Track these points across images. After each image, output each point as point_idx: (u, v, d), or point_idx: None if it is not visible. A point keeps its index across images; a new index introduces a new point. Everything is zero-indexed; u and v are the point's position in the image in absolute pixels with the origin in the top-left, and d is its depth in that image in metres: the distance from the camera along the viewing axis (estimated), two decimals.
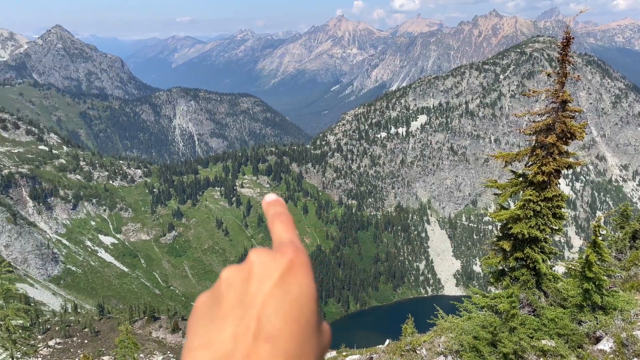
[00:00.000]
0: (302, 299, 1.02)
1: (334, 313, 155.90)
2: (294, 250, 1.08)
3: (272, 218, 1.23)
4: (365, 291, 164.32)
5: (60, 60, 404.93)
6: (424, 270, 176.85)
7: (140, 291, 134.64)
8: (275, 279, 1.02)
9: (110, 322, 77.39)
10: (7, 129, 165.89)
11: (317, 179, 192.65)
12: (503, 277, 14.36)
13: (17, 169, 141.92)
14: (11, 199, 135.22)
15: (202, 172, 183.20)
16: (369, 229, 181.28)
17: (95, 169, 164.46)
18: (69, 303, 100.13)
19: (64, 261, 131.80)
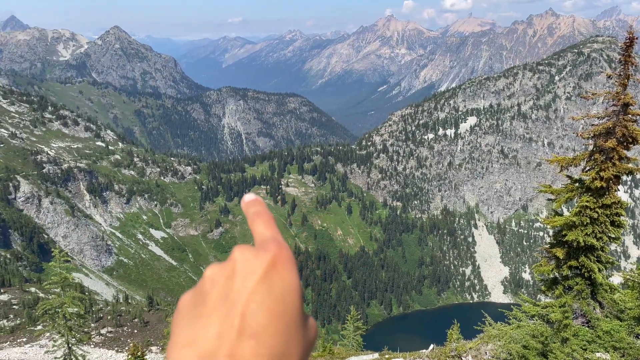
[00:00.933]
0: (286, 294, 1.02)
1: (376, 315, 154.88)
2: (277, 247, 1.08)
3: (253, 217, 1.22)
4: (409, 294, 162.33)
5: (117, 60, 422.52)
6: (470, 276, 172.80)
7: (188, 285, 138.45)
8: (259, 276, 1.02)
9: (159, 314, 79.93)
10: (67, 125, 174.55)
11: (362, 179, 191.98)
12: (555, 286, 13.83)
13: (75, 164, 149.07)
14: (70, 192, 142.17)
15: (249, 170, 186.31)
16: (414, 232, 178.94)
17: (148, 165, 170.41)
18: (120, 294, 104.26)
19: (117, 253, 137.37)
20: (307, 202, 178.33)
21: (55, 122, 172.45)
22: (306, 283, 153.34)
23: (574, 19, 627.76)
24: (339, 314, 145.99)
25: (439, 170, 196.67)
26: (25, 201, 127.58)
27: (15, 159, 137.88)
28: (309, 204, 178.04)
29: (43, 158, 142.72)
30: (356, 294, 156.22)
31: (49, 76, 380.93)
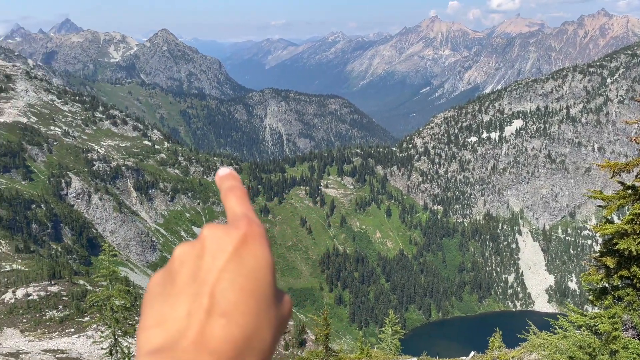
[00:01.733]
0: (258, 271, 1.01)
1: (414, 320, 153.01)
2: (247, 223, 1.06)
3: (226, 192, 1.20)
4: (448, 300, 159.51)
5: (165, 62, 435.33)
6: (513, 283, 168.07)
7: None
8: (229, 253, 1.01)
9: None
10: (116, 124, 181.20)
11: (402, 182, 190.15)
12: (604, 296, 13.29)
13: (124, 162, 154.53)
14: (117, 189, 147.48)
15: (289, 171, 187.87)
16: (455, 237, 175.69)
17: (191, 164, 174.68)
18: None
19: (161, 249, 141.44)
20: (346, 204, 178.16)
21: (105, 122, 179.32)
22: (344, 285, 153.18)
23: (627, 19, 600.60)
24: (376, 317, 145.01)
25: (482, 174, 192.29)
26: (76, 197, 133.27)
27: (68, 156, 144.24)
28: (348, 205, 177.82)
29: (93, 156, 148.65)
30: (394, 297, 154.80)
31: (100, 77, 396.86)
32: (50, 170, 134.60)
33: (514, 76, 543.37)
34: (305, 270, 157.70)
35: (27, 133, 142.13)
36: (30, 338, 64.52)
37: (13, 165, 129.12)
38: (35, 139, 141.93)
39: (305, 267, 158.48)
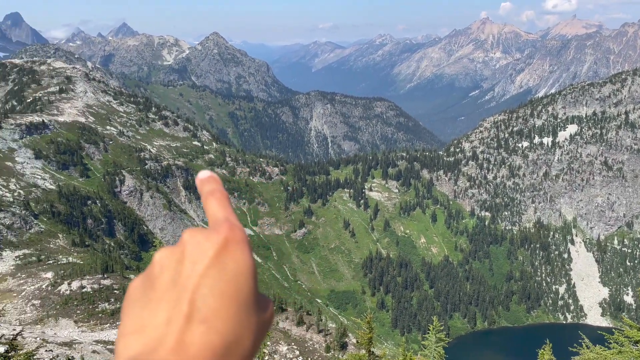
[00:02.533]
0: (239, 276, 1.00)
1: (458, 328, 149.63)
2: (229, 228, 1.05)
3: (206, 196, 1.18)
4: (495, 310, 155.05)
5: (215, 65, 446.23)
6: (564, 295, 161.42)
7: (271, 282, 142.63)
8: (210, 258, 1.00)
9: None
10: (168, 125, 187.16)
11: (448, 187, 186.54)
12: None
13: (174, 161, 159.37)
14: (168, 187, 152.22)
15: (333, 173, 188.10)
16: (503, 244, 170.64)
17: (238, 165, 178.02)
18: None
19: None
20: (390, 208, 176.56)
21: (157, 122, 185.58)
22: (386, 289, 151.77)
23: None
24: (419, 323, 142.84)
25: (534, 180, 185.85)
26: (128, 194, 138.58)
27: (122, 155, 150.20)
28: (392, 209, 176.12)
29: (146, 155, 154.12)
30: (438, 304, 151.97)
31: (153, 79, 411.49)
32: (105, 168, 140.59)
33: (569, 79, 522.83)
34: (347, 273, 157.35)
35: (85, 132, 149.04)
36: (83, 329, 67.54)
37: (71, 162, 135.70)
38: (92, 138, 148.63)
39: (347, 270, 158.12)
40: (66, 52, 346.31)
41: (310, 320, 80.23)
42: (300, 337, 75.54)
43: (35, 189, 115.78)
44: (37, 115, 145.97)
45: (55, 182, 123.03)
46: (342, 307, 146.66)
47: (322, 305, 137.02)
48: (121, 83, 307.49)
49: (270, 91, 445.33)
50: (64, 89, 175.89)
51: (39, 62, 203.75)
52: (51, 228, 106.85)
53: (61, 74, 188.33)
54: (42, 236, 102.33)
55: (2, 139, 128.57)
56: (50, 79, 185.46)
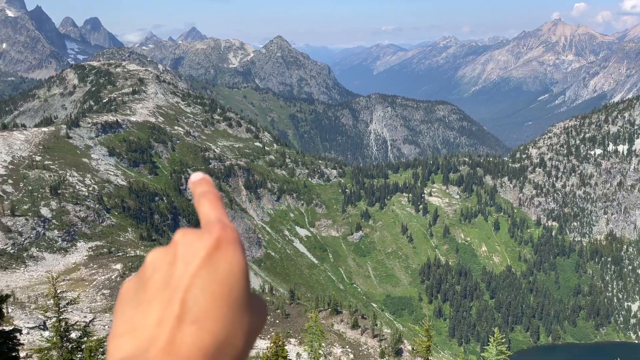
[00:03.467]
0: (232, 276, 0.99)
1: (520, 342, 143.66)
2: (221, 228, 1.05)
3: (199, 197, 1.18)
4: (560, 324, 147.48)
5: (278, 68, 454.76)
6: (638, 312, 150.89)
7: (327, 284, 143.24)
8: (202, 259, 1.00)
9: (299, 308, 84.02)
10: (232, 126, 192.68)
11: (513, 194, 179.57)
12: None
13: (236, 162, 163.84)
14: (230, 186, 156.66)
15: (392, 177, 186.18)
16: (571, 256, 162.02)
17: (297, 166, 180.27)
18: (266, 284, 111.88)
19: (266, 246, 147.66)
20: (450, 214, 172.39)
21: (222, 123, 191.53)
22: (444, 297, 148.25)
23: None
24: (478, 334, 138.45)
25: (606, 190, 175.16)
26: None
27: (188, 154, 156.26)
28: (453, 215, 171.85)
29: (210, 155, 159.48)
30: (499, 316, 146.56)
31: (219, 81, 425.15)
32: (172, 167, 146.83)
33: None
34: (404, 279, 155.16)
35: (154, 132, 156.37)
36: None
37: (142, 160, 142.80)
38: (161, 137, 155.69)
39: (404, 276, 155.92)
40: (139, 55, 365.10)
41: (365, 324, 79.82)
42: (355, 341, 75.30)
43: (108, 184, 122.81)
44: (111, 115, 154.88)
45: (126, 179, 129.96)
46: (398, 313, 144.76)
47: (377, 310, 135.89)
48: (189, 85, 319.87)
49: (330, 94, 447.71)
50: (136, 90, 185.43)
51: (115, 65, 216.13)
52: (121, 222, 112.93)
53: (134, 76, 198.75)
54: (113, 229, 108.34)
55: (80, 136, 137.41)
56: (125, 80, 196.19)
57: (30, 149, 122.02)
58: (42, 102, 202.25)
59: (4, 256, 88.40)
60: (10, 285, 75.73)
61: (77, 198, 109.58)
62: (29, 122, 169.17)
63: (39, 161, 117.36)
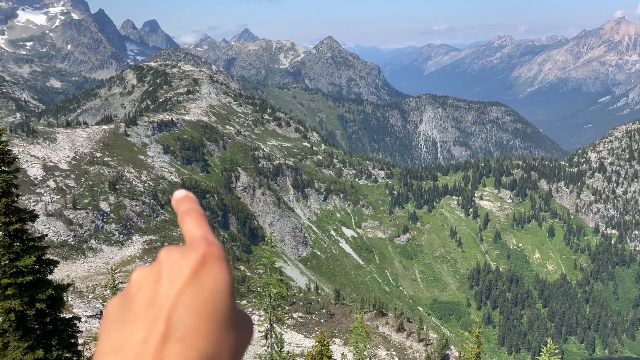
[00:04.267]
0: (217, 293, 0.99)
1: (574, 354, 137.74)
2: (206, 245, 1.04)
3: (182, 215, 1.16)
4: (618, 337, 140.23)
5: (327, 68, 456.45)
6: None
7: (372, 285, 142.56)
8: (186, 276, 0.99)
9: (344, 308, 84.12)
10: (281, 126, 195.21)
11: (569, 200, 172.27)
12: None
13: (284, 161, 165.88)
14: (278, 185, 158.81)
15: (441, 179, 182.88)
16: (632, 266, 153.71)
17: (345, 167, 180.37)
18: (312, 283, 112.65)
19: (312, 245, 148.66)
20: (502, 219, 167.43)
21: (271, 123, 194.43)
22: (494, 304, 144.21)
23: None
24: (529, 343, 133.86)
25: None
26: (242, 190, 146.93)
27: (238, 153, 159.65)
28: (504, 220, 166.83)
29: (259, 154, 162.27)
30: (552, 325, 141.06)
31: (270, 82, 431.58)
32: (223, 165, 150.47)
33: None
34: (452, 284, 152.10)
35: (207, 131, 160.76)
36: None
37: (194, 158, 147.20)
38: (213, 136, 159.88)
39: (452, 280, 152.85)
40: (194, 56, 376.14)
41: (411, 328, 78.93)
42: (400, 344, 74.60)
43: (162, 180, 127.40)
44: (167, 114, 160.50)
45: (179, 176, 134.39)
46: (445, 318, 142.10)
47: (423, 314, 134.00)
48: (241, 85, 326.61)
49: (380, 94, 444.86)
50: (191, 90, 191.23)
51: (171, 66, 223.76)
52: (174, 217, 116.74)
53: (189, 76, 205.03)
54: (166, 224, 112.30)
55: (137, 134, 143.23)
56: (180, 80, 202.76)
57: (92, 146, 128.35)
58: (103, 101, 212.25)
59: (65, 247, 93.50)
60: (71, 275, 79.96)
61: (133, 193, 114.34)
62: (90, 120, 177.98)
63: (99, 157, 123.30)
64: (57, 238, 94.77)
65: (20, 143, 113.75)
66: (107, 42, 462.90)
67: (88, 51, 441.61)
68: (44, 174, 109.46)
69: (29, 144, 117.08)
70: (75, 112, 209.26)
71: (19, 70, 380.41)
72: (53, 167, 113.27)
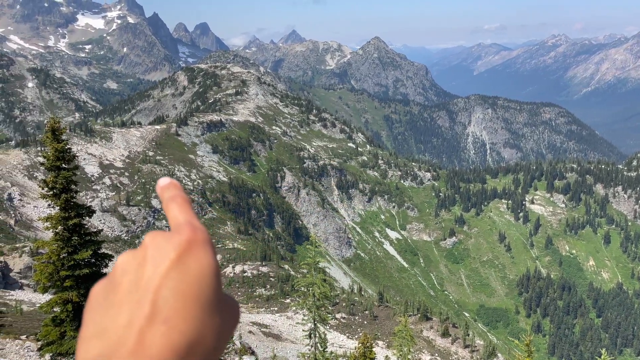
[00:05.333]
0: (202, 277, 0.99)
1: None
2: (191, 230, 1.05)
3: (167, 201, 1.17)
4: None
5: (374, 69, 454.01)
6: None
7: (416, 288, 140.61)
8: (171, 260, 0.99)
9: (387, 311, 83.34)
10: (326, 126, 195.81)
11: (627, 205, 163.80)
12: None
13: (329, 161, 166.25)
14: (322, 186, 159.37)
15: (490, 182, 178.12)
16: None
17: (390, 168, 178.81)
18: (355, 284, 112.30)
19: (356, 246, 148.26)
20: (554, 224, 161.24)
21: (317, 124, 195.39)
22: (544, 312, 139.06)
23: None
24: (581, 354, 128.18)
25: None
26: (288, 190, 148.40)
27: (284, 153, 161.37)
28: (557, 225, 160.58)
29: (305, 154, 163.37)
30: (606, 336, 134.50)
31: (316, 83, 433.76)
32: (269, 165, 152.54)
33: None
34: (500, 289, 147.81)
35: (254, 131, 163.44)
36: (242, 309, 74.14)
37: (242, 158, 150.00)
38: (260, 136, 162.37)
39: (500, 286, 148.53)
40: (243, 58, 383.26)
41: (456, 333, 77.28)
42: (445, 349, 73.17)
43: (211, 179, 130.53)
44: (216, 115, 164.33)
45: (227, 175, 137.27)
46: (492, 325, 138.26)
47: (469, 320, 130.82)
48: (287, 86, 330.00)
49: (427, 95, 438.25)
50: (239, 92, 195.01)
51: (220, 67, 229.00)
52: (221, 215, 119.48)
53: (238, 77, 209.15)
54: (213, 222, 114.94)
55: (188, 134, 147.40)
56: (229, 82, 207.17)
57: (145, 145, 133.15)
58: (156, 102, 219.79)
59: (119, 242, 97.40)
60: None
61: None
62: (144, 120, 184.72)
63: (151, 156, 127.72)
64: (111, 233, 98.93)
65: (78, 142, 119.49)
66: (160, 45, 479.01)
67: (142, 54, 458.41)
68: (100, 172, 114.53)
69: (87, 143, 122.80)
70: (129, 112, 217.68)
71: (78, 72, 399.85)
72: (109, 165, 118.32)
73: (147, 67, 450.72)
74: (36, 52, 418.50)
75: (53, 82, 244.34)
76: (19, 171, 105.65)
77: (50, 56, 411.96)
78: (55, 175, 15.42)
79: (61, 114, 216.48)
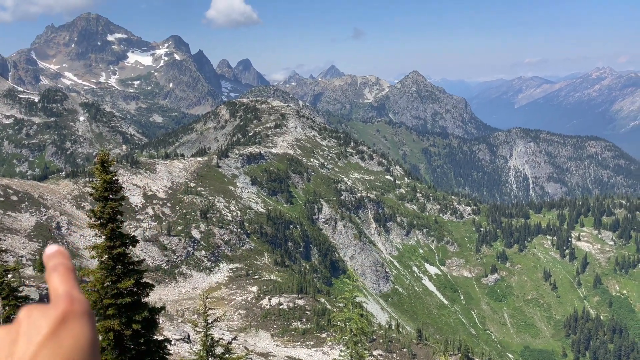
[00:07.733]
0: (77, 351, 0.95)
1: None
2: (68, 302, 1.01)
3: (50, 271, 1.11)
4: None
5: (412, 102, 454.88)
6: None
7: (457, 327, 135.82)
8: (44, 335, 0.95)
9: (426, 349, 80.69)
10: (364, 159, 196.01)
11: None
12: None
13: (367, 194, 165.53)
14: (359, 218, 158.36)
15: (534, 217, 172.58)
16: None
17: (428, 201, 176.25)
18: (393, 320, 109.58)
19: (393, 281, 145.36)
20: (602, 262, 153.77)
21: (354, 156, 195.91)
22: (594, 356, 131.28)
23: None
24: None
25: None
26: (325, 222, 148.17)
27: (322, 185, 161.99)
28: (605, 264, 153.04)
29: (342, 187, 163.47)
30: None
31: (354, 116, 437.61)
32: (306, 197, 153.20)
33: None
34: (545, 330, 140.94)
35: (292, 163, 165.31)
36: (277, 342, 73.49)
37: (279, 190, 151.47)
38: (298, 168, 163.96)
39: (546, 327, 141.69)
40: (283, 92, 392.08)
41: None
42: None
43: (249, 210, 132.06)
44: (255, 147, 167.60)
45: (265, 206, 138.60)
46: None
47: None
48: (325, 120, 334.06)
49: (466, 128, 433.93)
50: (278, 125, 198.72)
51: (261, 101, 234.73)
52: (259, 246, 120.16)
53: (277, 111, 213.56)
54: (251, 253, 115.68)
55: (228, 166, 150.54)
56: (269, 115, 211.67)
57: (186, 176, 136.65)
58: (199, 135, 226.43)
59: (159, 271, 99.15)
60: (163, 298, 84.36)
61: (222, 222, 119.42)
62: (187, 152, 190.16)
63: (192, 187, 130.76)
64: (152, 262, 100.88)
65: (124, 173, 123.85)
66: (204, 80, 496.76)
67: (187, 89, 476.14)
68: (143, 202, 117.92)
69: (132, 174, 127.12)
70: (173, 144, 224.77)
71: (126, 106, 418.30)
72: (152, 195, 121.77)
73: (191, 101, 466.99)
74: (88, 87, 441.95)
75: (103, 116, 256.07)
76: (67, 201, 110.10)
77: (101, 91, 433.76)
78: (102, 205, 16.00)
79: (109, 146, 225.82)
